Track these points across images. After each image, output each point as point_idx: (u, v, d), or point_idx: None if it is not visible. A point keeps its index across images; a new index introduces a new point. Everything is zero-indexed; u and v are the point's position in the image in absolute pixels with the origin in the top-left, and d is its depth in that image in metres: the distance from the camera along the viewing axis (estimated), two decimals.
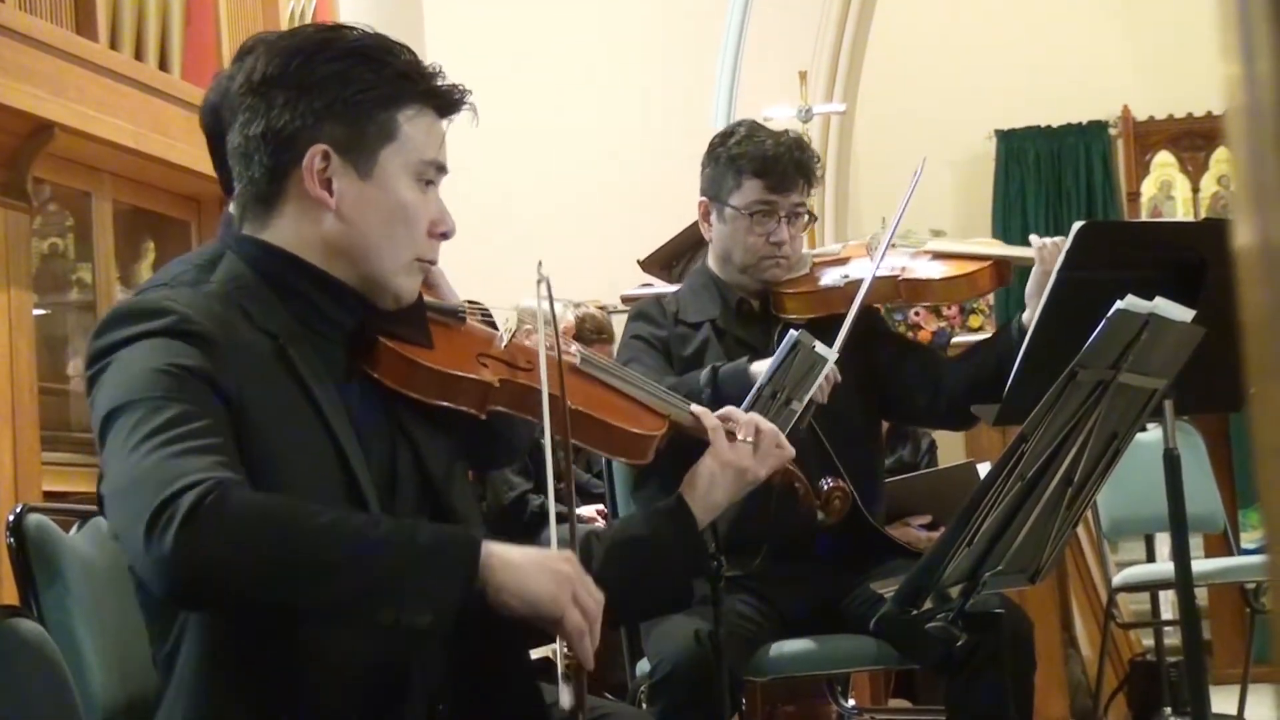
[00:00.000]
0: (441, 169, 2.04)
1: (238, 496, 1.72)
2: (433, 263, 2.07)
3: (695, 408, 2.28)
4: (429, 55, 2.06)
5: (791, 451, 2.30)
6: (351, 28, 2.03)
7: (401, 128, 1.99)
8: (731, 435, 2.25)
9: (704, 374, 3.23)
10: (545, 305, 2.01)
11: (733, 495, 2.23)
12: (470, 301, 2.21)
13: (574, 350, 2.21)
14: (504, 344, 2.13)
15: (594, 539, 2.17)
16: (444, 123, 2.05)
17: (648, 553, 2.16)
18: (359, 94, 1.96)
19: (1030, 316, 3.21)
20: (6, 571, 2.14)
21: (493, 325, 2.18)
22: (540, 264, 2.00)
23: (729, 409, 2.32)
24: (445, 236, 2.05)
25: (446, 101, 2.03)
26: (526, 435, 2.28)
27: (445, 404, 2.04)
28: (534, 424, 2.11)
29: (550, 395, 2.02)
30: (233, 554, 1.71)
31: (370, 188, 1.98)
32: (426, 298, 2.12)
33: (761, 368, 3.05)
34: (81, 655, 2.06)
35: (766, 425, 2.28)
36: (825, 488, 2.43)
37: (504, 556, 1.82)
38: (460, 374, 2.04)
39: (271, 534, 1.72)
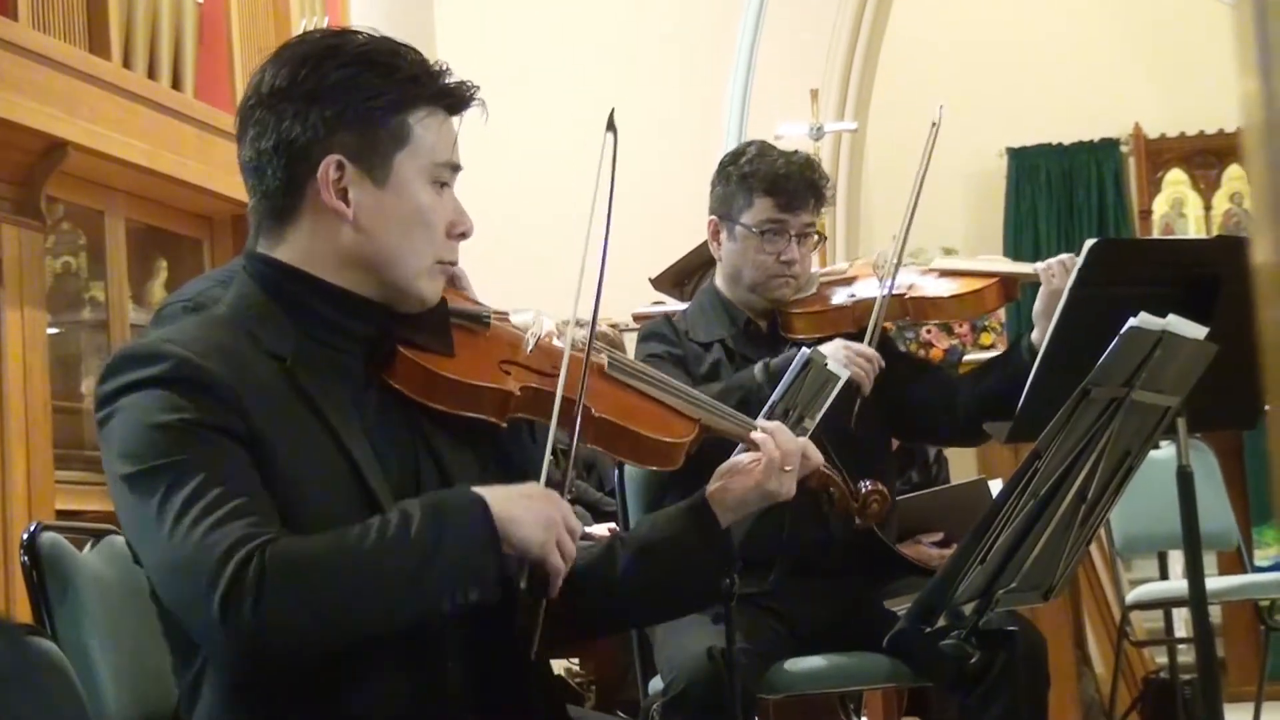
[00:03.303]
0: (456, 168, 2.01)
1: (285, 556, 1.75)
2: (453, 264, 2.04)
3: (756, 434, 2.18)
4: None
5: (820, 459, 2.25)
6: (357, 32, 2.00)
7: (414, 131, 1.96)
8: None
9: (757, 370, 3.24)
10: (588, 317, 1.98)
11: (758, 506, 2.18)
12: (498, 312, 2.16)
13: (603, 353, 2.15)
14: (530, 348, 2.09)
15: (619, 544, 2.15)
16: (455, 120, 2.01)
17: (674, 557, 2.12)
18: (369, 100, 1.93)
19: (1039, 337, 3.22)
20: (21, 590, 2.14)
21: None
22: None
23: (774, 427, 2.22)
24: (464, 236, 2.02)
25: (456, 100, 2.00)
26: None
27: (465, 413, 2.01)
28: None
29: (569, 400, 2.00)
30: (309, 616, 1.77)
31: (387, 195, 1.95)
32: (452, 303, 2.07)
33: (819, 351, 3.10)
34: (95, 673, 2.06)
35: (793, 445, 2.19)
36: (864, 490, 2.37)
37: (505, 512, 1.86)
38: (479, 384, 2.01)
39: (332, 582, 1.78)
